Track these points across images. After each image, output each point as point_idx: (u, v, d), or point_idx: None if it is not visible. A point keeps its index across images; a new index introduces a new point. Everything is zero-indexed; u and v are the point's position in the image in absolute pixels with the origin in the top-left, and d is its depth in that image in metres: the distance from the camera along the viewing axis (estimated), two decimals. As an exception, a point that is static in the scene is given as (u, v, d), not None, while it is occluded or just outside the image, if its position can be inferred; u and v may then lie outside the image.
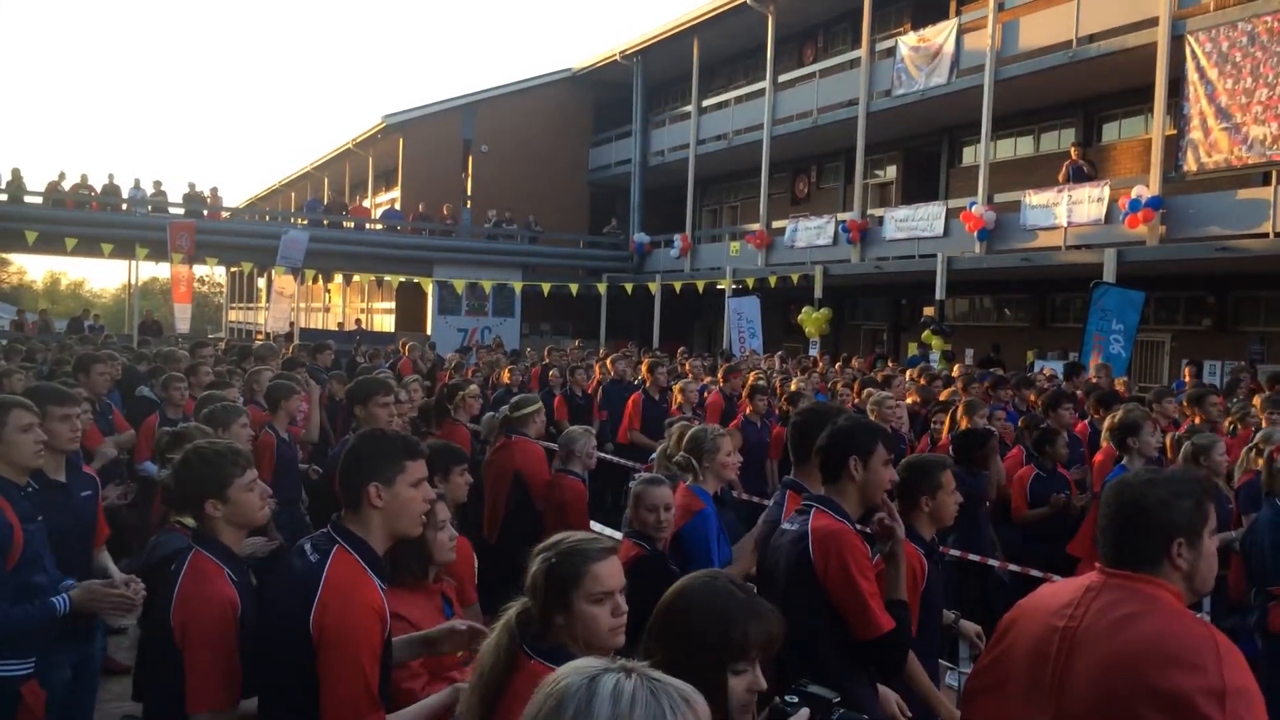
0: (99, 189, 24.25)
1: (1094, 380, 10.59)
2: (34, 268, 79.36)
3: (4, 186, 23.03)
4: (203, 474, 3.05)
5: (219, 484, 3.04)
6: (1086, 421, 8.42)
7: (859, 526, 3.28)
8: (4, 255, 58.16)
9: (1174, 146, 15.19)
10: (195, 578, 2.94)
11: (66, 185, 23.89)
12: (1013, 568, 6.28)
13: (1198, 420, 7.81)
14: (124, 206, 24.21)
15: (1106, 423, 6.61)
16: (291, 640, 2.58)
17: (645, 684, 1.31)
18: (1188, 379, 12.81)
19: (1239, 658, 2.09)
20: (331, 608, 2.56)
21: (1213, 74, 14.38)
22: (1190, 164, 14.82)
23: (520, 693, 2.24)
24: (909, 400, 9.48)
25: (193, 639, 2.82)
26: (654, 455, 5.87)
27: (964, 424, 7.27)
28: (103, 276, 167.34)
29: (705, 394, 9.88)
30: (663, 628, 2.08)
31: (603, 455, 9.67)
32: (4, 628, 3.37)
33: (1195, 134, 14.68)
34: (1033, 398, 9.36)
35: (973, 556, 6.31)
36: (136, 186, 24.73)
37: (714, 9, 24.67)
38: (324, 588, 2.58)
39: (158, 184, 25.07)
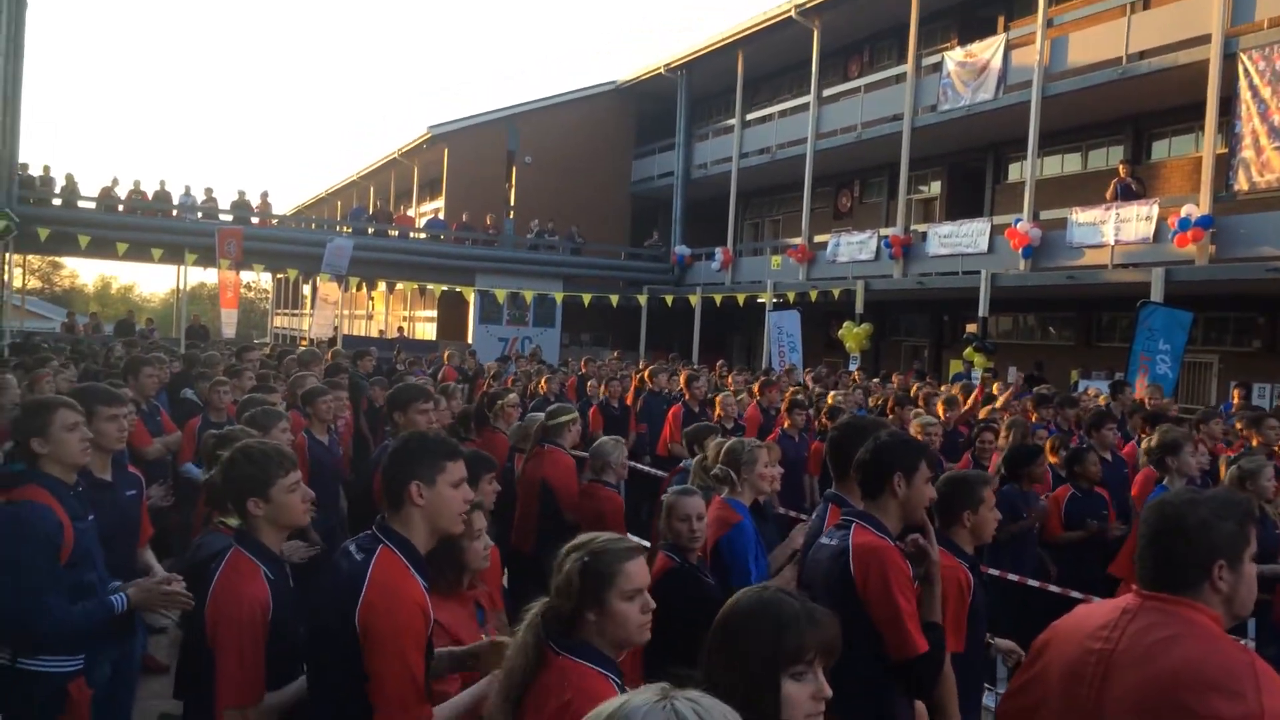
0: (150, 195, 24.68)
1: (1143, 400, 10.43)
2: (85, 271, 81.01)
3: (58, 191, 23.51)
4: (247, 472, 3.12)
5: (263, 483, 3.11)
6: (1136, 442, 8.28)
7: (898, 543, 3.26)
8: (57, 259, 59.39)
9: (1225, 165, 14.95)
10: (231, 576, 3.01)
11: (120, 191, 24.33)
12: (1053, 588, 6.19)
13: (1255, 442, 7.68)
14: (174, 213, 24.62)
15: (1144, 443, 6.52)
16: (339, 638, 2.65)
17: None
18: (1236, 401, 12.58)
19: (1278, 683, 2.05)
20: (377, 604, 2.62)
21: (1265, 92, 14.15)
22: (1241, 183, 14.58)
23: (548, 688, 2.28)
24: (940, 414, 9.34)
25: (222, 636, 2.89)
26: (685, 463, 5.87)
27: (1004, 442, 7.20)
28: (152, 281, 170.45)
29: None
30: (720, 643, 2.07)
31: (642, 468, 9.70)
32: (66, 625, 3.42)
33: (1247, 153, 14.44)
34: (1075, 417, 9.23)
35: (1012, 576, 6.23)
36: (187, 193, 25.13)
37: (759, 23, 24.68)
38: (369, 585, 2.65)
39: (209, 190, 25.48)
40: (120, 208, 24.06)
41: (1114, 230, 15.98)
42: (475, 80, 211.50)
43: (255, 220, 25.84)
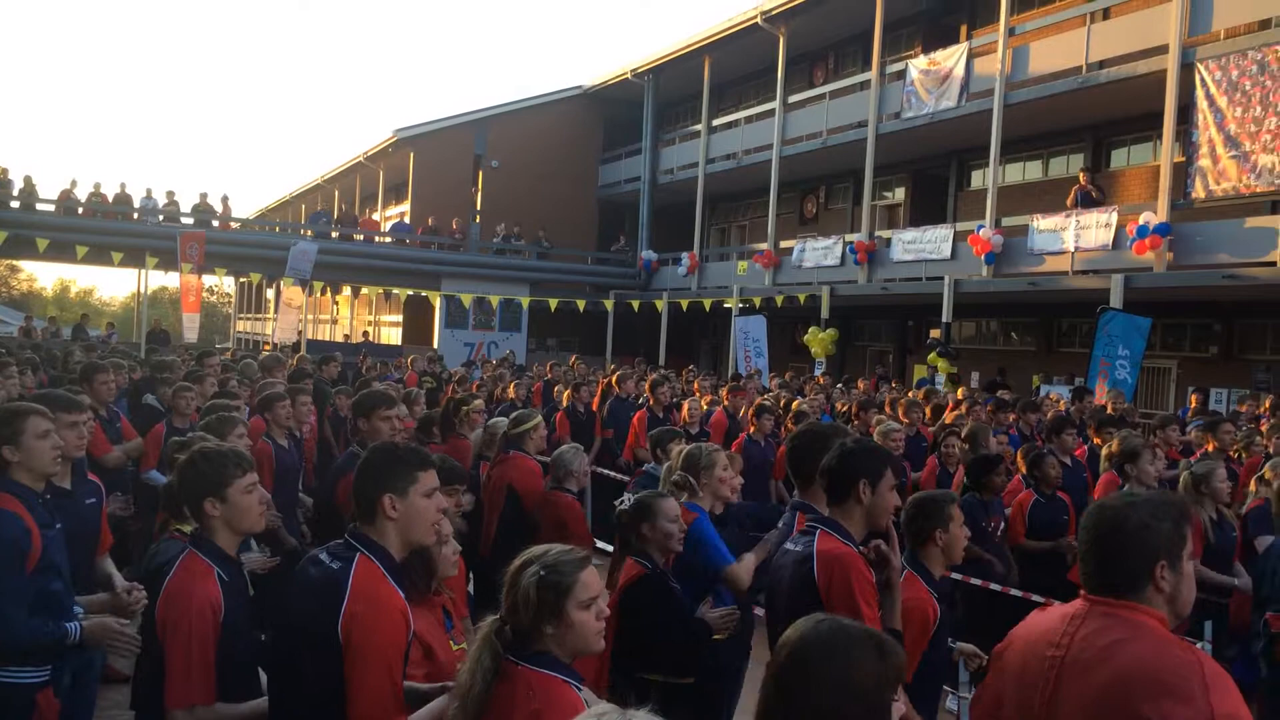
0: (111, 198, 24.36)
1: (1104, 405, 10.57)
2: (44, 275, 79.81)
3: (16, 194, 23.14)
4: (203, 472, 3.12)
5: (218, 483, 3.10)
6: (1086, 447, 8.40)
7: (861, 549, 3.28)
8: (14, 262, 58.49)
9: (1183, 173, 15.18)
10: (183, 576, 3.00)
11: (79, 194, 24.01)
12: (1014, 593, 6.26)
13: (1210, 448, 7.82)
14: (135, 215, 24.32)
15: (1105, 450, 6.61)
16: (317, 646, 2.63)
17: None
18: (1194, 405, 12.79)
19: (1227, 683, 2.09)
20: (362, 615, 2.62)
21: (1222, 102, 14.40)
22: (1199, 191, 14.82)
23: (512, 699, 2.30)
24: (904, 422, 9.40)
25: (171, 636, 2.88)
26: (646, 466, 5.88)
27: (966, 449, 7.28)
28: (112, 285, 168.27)
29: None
30: (805, 679, 1.90)
31: (610, 473, 9.69)
32: (17, 639, 3.38)
33: (1204, 161, 14.69)
34: (1034, 422, 9.35)
35: (975, 581, 6.29)
36: (148, 196, 24.83)
37: (726, 29, 24.79)
38: (351, 595, 2.64)
39: (171, 194, 25.19)
40: (80, 210, 23.73)
41: (1074, 237, 16.20)
42: (441, 84, 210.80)
43: (217, 224, 25.58)
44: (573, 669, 2.41)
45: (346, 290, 31.29)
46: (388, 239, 28.83)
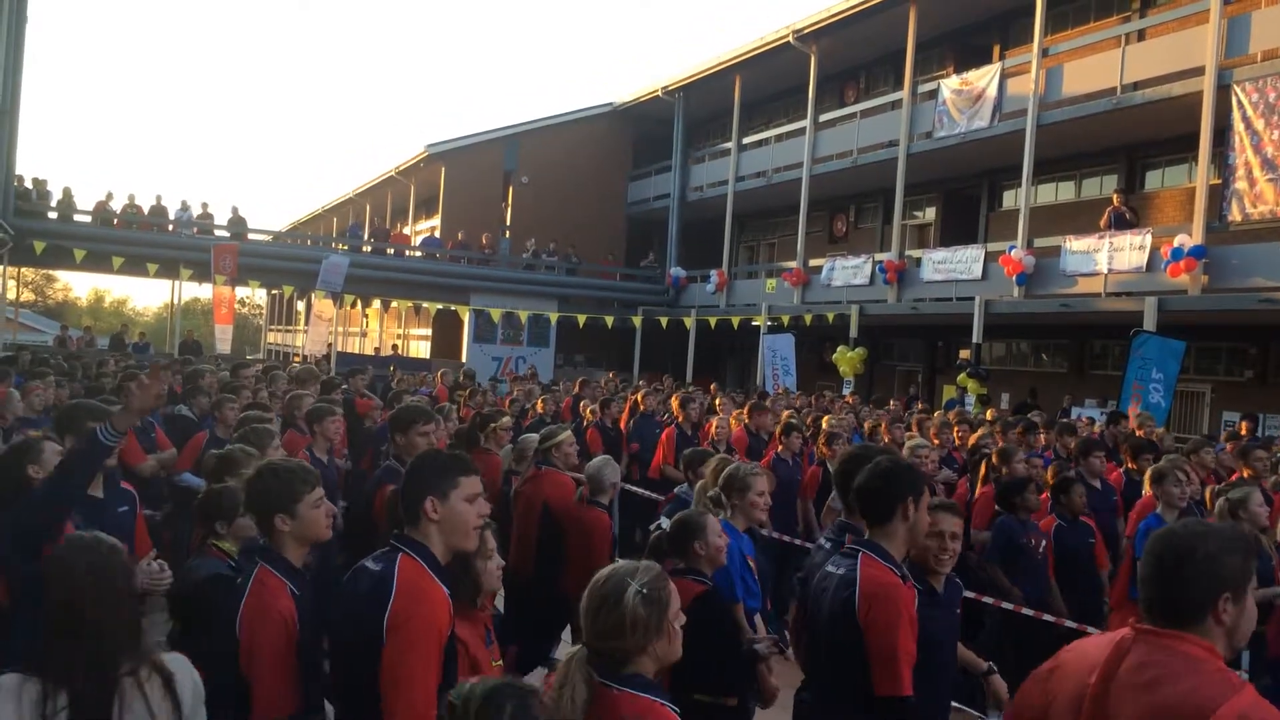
0: (146, 210, 24.67)
1: (1135, 429, 10.45)
2: (79, 285, 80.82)
3: (54, 205, 23.48)
4: (273, 488, 3.20)
5: (290, 499, 3.18)
6: (1121, 471, 8.32)
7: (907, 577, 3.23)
8: (51, 272, 59.31)
9: (1218, 196, 15.05)
10: (260, 593, 3.08)
11: (115, 205, 24.33)
12: (1047, 617, 6.20)
13: (1246, 474, 7.72)
14: (170, 227, 24.61)
15: (1149, 473, 6.56)
16: (368, 646, 2.70)
17: None
18: (1244, 432, 12.55)
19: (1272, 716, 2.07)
20: (404, 606, 2.70)
21: (1259, 124, 14.27)
22: (1234, 214, 14.68)
23: None
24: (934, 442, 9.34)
25: (259, 655, 2.97)
26: (679, 489, 5.87)
27: (1002, 471, 7.23)
28: (146, 295, 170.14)
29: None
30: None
31: (636, 489, 9.68)
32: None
33: (1240, 184, 14.55)
34: (1073, 444, 9.25)
35: (1006, 605, 6.24)
36: (184, 208, 25.12)
37: (757, 48, 24.84)
38: (397, 591, 2.73)
39: (205, 205, 25.49)
40: (115, 222, 24.04)
41: (1107, 259, 16.07)
42: (473, 100, 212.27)
43: (250, 236, 25.83)
44: (665, 691, 2.42)
45: (376, 303, 31.48)
46: (418, 253, 29.01)
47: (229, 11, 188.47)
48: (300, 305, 37.77)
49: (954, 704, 3.89)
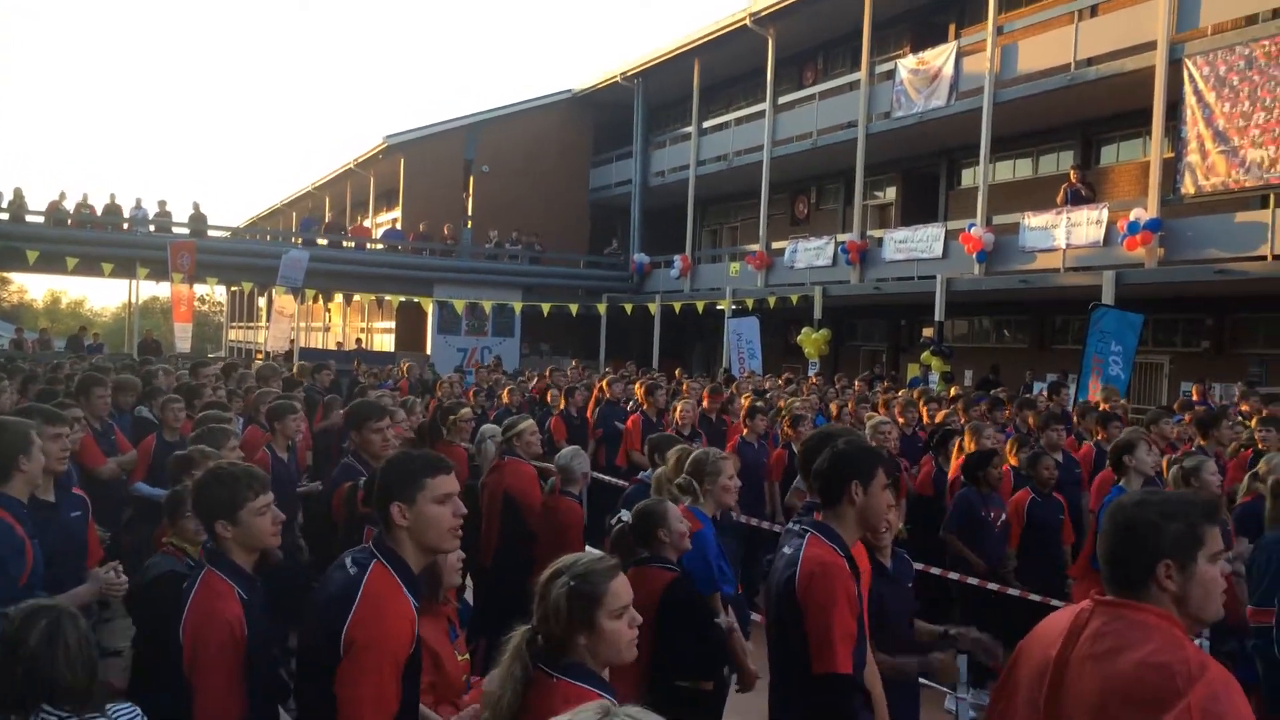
0: (100, 209, 24.28)
1: (1096, 402, 10.57)
2: (34, 287, 79.55)
3: (5, 206, 23.07)
4: (217, 494, 3.13)
5: (230, 506, 3.10)
6: (1091, 443, 8.41)
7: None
8: (4, 274, 58.27)
9: (1172, 169, 15.23)
10: (206, 597, 3.01)
11: (68, 205, 23.93)
12: (1012, 591, 6.26)
13: (1202, 442, 7.83)
14: (125, 226, 24.24)
15: (1114, 444, 6.62)
16: (326, 653, 2.64)
17: None
18: (1196, 396, 12.76)
19: (1225, 687, 2.08)
20: (366, 617, 2.63)
21: (1210, 97, 14.44)
22: (1188, 187, 14.86)
23: (548, 711, 2.26)
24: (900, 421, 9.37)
25: (202, 660, 2.89)
26: (644, 474, 5.87)
27: (970, 447, 7.28)
28: (103, 295, 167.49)
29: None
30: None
31: (603, 477, 9.66)
32: None
33: (1193, 157, 14.72)
34: (1032, 420, 9.34)
35: (953, 575, 6.30)
36: (138, 206, 24.77)
37: (715, 31, 24.82)
38: (360, 600, 2.66)
39: (162, 203, 25.13)
40: (69, 221, 23.64)
41: (1065, 234, 16.23)
42: (432, 90, 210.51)
43: (208, 233, 25.50)
44: (604, 680, 2.39)
45: (339, 298, 31.21)
46: (379, 246, 28.78)
47: (182, 6, 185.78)
48: (261, 301, 37.34)
49: (922, 680, 3.91)
